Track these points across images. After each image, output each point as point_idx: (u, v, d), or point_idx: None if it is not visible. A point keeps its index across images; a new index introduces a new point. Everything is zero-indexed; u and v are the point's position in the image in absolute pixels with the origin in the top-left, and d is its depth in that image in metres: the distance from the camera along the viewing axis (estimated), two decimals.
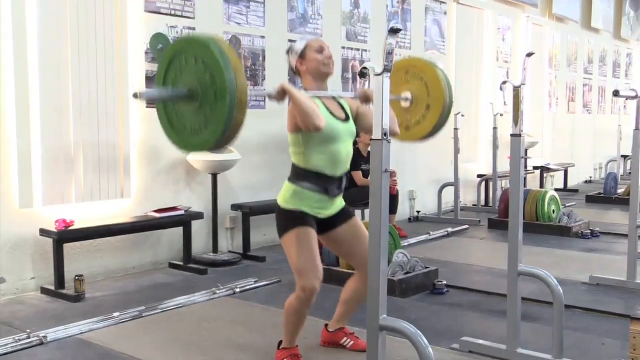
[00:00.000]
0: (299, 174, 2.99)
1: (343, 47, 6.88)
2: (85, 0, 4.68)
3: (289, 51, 3.10)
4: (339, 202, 3.12)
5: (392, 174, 6.20)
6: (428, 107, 3.41)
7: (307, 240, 2.93)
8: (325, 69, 3.03)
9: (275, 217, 3.05)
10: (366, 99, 3.06)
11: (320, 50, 3.02)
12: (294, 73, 3.11)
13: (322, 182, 2.97)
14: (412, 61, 3.58)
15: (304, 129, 2.84)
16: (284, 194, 3.01)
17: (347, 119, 3.06)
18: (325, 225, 3.07)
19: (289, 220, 2.97)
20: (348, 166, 3.07)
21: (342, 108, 3.09)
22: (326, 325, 3.39)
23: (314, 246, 2.95)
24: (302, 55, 3.02)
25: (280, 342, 3.12)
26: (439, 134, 3.52)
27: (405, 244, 5.99)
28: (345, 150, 3.02)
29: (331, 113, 2.99)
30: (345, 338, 3.34)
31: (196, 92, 2.41)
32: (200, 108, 2.41)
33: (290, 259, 2.96)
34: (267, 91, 2.76)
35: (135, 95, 2.41)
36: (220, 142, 2.44)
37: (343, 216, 3.12)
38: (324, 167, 2.95)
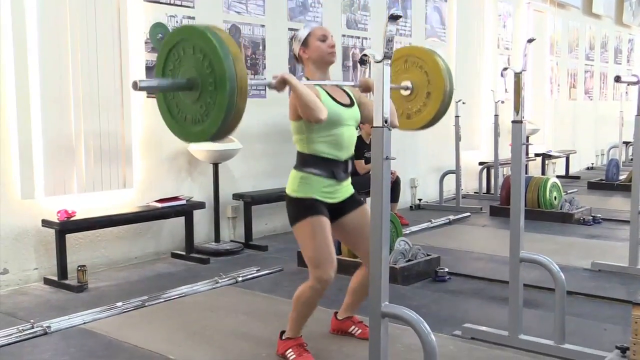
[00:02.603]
0: (304, 161, 2.96)
1: (343, 35, 6.86)
2: None
3: (292, 39, 3.08)
4: (348, 188, 3.08)
5: None
6: (429, 94, 3.41)
7: (322, 230, 2.89)
8: (328, 58, 3.01)
9: (286, 207, 3.00)
10: (367, 88, 3.06)
11: (323, 39, 2.99)
12: (296, 61, 3.09)
13: (327, 166, 2.95)
14: (411, 49, 3.60)
15: (305, 120, 2.83)
16: (292, 184, 2.97)
17: (351, 104, 3.04)
18: (335, 212, 3.03)
19: (301, 208, 2.92)
20: (352, 151, 3.05)
21: (347, 94, 3.07)
22: (336, 313, 3.40)
23: (328, 236, 2.91)
24: (305, 43, 3.00)
25: (283, 332, 3.11)
26: (440, 121, 3.52)
27: (407, 231, 6.00)
28: (349, 134, 3.00)
29: (334, 99, 2.97)
30: (353, 326, 3.34)
31: (196, 82, 2.39)
32: (200, 98, 2.39)
33: (305, 249, 2.93)
34: (267, 81, 2.74)
35: (134, 86, 2.35)
36: (221, 131, 2.41)
37: (353, 203, 3.08)
38: (328, 151, 2.94)
